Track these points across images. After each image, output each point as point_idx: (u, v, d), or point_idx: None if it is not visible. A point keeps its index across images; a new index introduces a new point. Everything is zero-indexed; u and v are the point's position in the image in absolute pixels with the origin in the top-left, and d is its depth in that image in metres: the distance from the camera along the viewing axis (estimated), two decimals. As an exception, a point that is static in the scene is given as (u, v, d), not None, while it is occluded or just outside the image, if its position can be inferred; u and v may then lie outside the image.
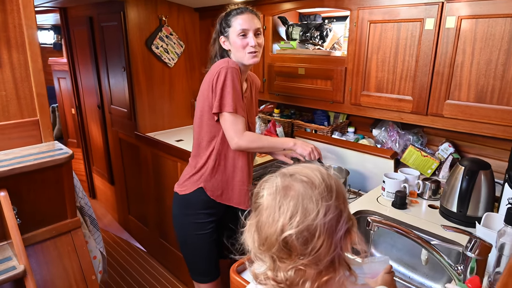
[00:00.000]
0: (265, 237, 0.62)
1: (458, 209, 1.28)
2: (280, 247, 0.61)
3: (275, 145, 1.56)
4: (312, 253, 0.60)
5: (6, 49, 1.29)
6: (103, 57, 2.78)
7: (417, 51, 1.59)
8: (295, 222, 0.59)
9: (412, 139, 1.88)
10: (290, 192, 0.62)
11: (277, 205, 0.62)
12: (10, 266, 1.19)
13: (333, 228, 0.62)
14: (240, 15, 1.46)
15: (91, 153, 3.52)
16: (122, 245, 3.04)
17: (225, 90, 1.38)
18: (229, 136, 1.44)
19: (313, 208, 0.60)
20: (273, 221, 0.61)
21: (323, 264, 0.62)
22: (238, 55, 1.48)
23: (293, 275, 0.62)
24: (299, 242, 0.60)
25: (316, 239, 0.60)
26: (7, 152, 1.34)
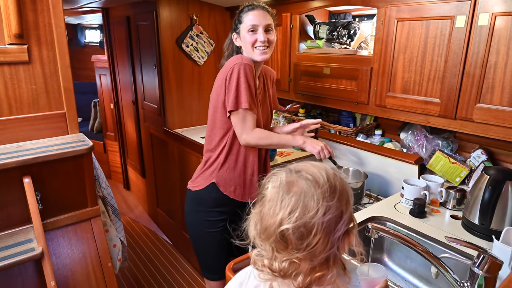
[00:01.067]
0: (265, 227, 0.65)
1: (480, 222, 1.18)
2: (277, 238, 0.64)
3: (284, 142, 1.54)
4: (307, 248, 0.62)
5: (37, 46, 1.39)
6: (138, 55, 2.90)
7: (446, 50, 1.49)
8: (293, 218, 0.62)
9: (441, 144, 1.76)
10: (293, 188, 0.64)
11: (279, 198, 0.64)
12: (30, 247, 1.28)
13: (331, 227, 0.63)
14: (251, 11, 1.47)
15: (126, 147, 3.69)
16: (150, 236, 3.16)
17: (240, 87, 1.39)
18: (238, 133, 1.45)
19: (313, 206, 0.62)
20: (274, 213, 0.64)
21: (317, 261, 0.63)
22: (248, 52, 1.48)
23: (287, 266, 0.65)
24: (295, 237, 0.62)
25: (312, 236, 0.62)
26: (35, 142, 1.44)
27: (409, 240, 0.89)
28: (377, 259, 1.37)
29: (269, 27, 1.48)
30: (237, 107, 1.40)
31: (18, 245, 1.30)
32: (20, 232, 1.38)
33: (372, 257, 1.38)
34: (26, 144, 1.42)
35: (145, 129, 3.11)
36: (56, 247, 1.46)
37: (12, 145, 1.40)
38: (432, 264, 0.87)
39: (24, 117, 1.44)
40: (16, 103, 1.41)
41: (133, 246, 3.00)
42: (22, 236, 1.35)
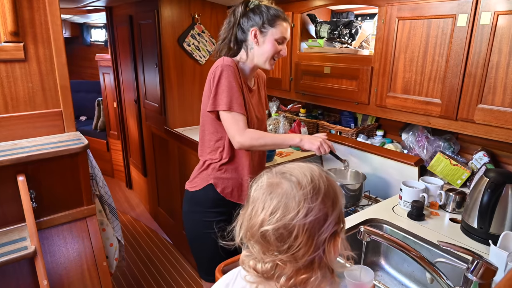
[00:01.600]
0: (249, 228, 0.65)
1: (478, 225, 1.15)
2: (260, 240, 0.64)
3: (279, 141, 1.48)
4: (289, 250, 0.61)
5: (33, 44, 1.39)
6: (140, 54, 2.90)
7: (447, 50, 1.46)
8: (274, 219, 0.61)
9: (442, 145, 1.73)
10: (277, 189, 0.64)
11: (262, 200, 0.64)
12: (23, 246, 1.28)
13: (315, 229, 0.62)
14: (285, 22, 1.45)
15: (128, 145, 3.70)
16: (151, 235, 3.16)
17: (219, 88, 1.37)
18: (230, 135, 1.41)
19: (293, 207, 0.61)
20: (256, 214, 0.64)
21: (302, 263, 0.62)
22: (261, 56, 1.44)
23: (269, 268, 0.64)
24: (275, 238, 0.62)
25: (293, 238, 0.61)
26: (30, 140, 1.44)
27: (402, 245, 0.87)
28: (374, 262, 1.35)
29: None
30: (218, 108, 1.38)
31: (12, 243, 1.30)
32: (15, 230, 1.38)
33: (369, 260, 1.35)
34: (22, 142, 1.42)
35: (147, 128, 3.11)
36: (51, 245, 1.46)
37: (8, 143, 1.40)
38: (425, 269, 0.84)
39: (20, 115, 1.44)
40: (12, 101, 1.41)
41: (134, 245, 3.00)
42: (16, 234, 1.35)
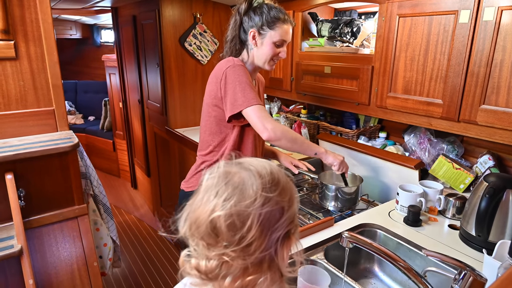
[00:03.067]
0: (196, 217, 0.59)
1: (476, 233, 1.08)
2: (208, 230, 0.57)
3: (307, 144, 1.46)
4: (240, 243, 0.56)
5: (24, 42, 1.39)
6: (143, 54, 2.90)
7: (449, 48, 1.39)
8: (227, 205, 0.56)
9: (445, 148, 1.66)
10: (233, 178, 0.59)
11: (215, 187, 0.59)
12: (9, 244, 1.27)
13: (270, 223, 0.57)
14: (285, 24, 1.40)
15: (133, 146, 3.71)
16: (153, 235, 3.16)
17: (238, 87, 1.32)
18: (261, 125, 1.32)
19: (250, 195, 0.57)
20: (207, 201, 0.58)
21: (251, 260, 0.57)
22: (261, 57, 1.41)
23: (214, 265, 0.57)
24: (227, 227, 0.56)
25: (246, 229, 0.55)
26: (21, 138, 1.44)
27: (387, 253, 0.81)
28: (367, 269, 1.29)
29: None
30: (250, 104, 1.32)
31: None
32: (4, 229, 1.37)
33: (362, 267, 1.30)
34: (12, 140, 1.42)
35: (150, 128, 3.11)
36: (41, 244, 1.45)
37: (-1, 141, 1.41)
38: (410, 280, 0.79)
39: (12, 113, 1.44)
40: (3, 99, 1.41)
41: (136, 246, 3.00)
42: (4, 233, 1.35)
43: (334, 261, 1.13)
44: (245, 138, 1.45)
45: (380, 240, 1.28)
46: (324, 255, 1.15)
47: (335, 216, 1.46)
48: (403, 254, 1.19)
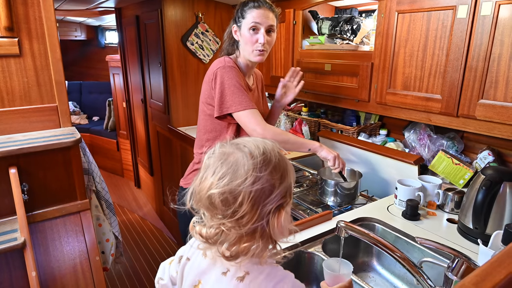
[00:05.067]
0: (198, 192, 0.67)
1: (473, 225, 1.09)
2: (207, 203, 0.65)
3: (300, 142, 1.48)
4: (233, 216, 0.63)
5: (28, 39, 1.42)
6: (146, 53, 2.93)
7: (448, 43, 1.40)
8: (221, 183, 0.64)
9: (445, 144, 1.66)
10: (228, 158, 0.66)
11: (213, 166, 0.66)
12: (13, 237, 1.29)
13: (260, 199, 0.64)
14: (256, 8, 1.39)
15: (137, 145, 3.74)
16: (156, 234, 3.18)
17: (227, 90, 1.34)
18: (251, 129, 1.37)
19: (241, 175, 0.63)
20: (206, 179, 0.66)
21: (245, 230, 0.64)
22: (245, 49, 1.43)
23: (213, 232, 0.66)
24: (221, 202, 0.63)
25: (238, 204, 0.63)
26: (25, 134, 1.47)
27: (383, 243, 0.82)
28: (366, 263, 1.29)
29: (271, 28, 1.42)
30: (234, 110, 1.35)
31: (3, 234, 1.31)
32: (8, 222, 1.40)
33: (360, 260, 1.30)
34: (16, 136, 1.44)
35: (153, 127, 3.14)
36: (44, 238, 1.47)
37: (3, 137, 1.43)
38: (405, 269, 0.80)
39: (16, 109, 1.46)
40: (8, 95, 1.44)
41: (139, 244, 3.02)
42: (8, 226, 1.37)
43: (332, 254, 1.14)
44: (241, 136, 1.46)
45: (378, 233, 1.28)
46: (322, 248, 1.16)
47: (334, 210, 1.47)
48: (401, 247, 1.20)
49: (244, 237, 0.65)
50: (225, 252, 0.66)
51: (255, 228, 0.64)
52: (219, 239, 0.66)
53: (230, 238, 0.65)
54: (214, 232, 0.66)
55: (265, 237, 0.66)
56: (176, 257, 0.83)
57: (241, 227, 0.64)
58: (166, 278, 0.84)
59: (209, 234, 0.67)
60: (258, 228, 0.65)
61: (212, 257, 0.71)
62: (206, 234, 0.67)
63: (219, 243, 0.66)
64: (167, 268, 0.86)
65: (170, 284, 0.84)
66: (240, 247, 0.65)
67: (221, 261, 0.68)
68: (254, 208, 0.63)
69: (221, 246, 0.66)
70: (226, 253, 0.66)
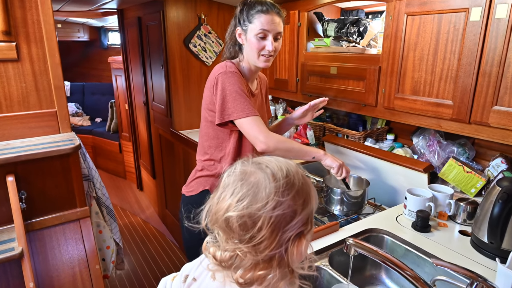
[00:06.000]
0: (214, 212, 0.64)
1: (489, 240, 1.04)
2: (223, 225, 0.62)
3: (304, 150, 1.42)
4: (251, 241, 0.60)
5: (26, 43, 1.38)
6: (148, 55, 2.89)
7: (460, 47, 1.34)
8: (240, 206, 0.60)
9: (456, 151, 1.60)
10: (249, 178, 0.62)
11: (232, 186, 0.63)
12: (10, 247, 1.25)
13: (280, 225, 0.60)
14: (264, 14, 1.32)
15: (139, 147, 3.70)
16: (158, 238, 3.14)
17: (229, 97, 1.30)
18: (253, 137, 1.32)
19: (262, 198, 0.59)
20: (224, 199, 0.62)
21: (261, 257, 0.60)
22: (250, 55, 1.38)
23: (228, 257, 0.63)
24: (238, 226, 0.60)
25: (256, 229, 0.59)
26: (23, 140, 1.43)
27: (394, 262, 0.78)
28: (374, 276, 1.25)
29: (279, 35, 1.37)
30: (235, 117, 1.31)
31: (0, 244, 1.28)
32: (6, 231, 1.36)
33: (368, 273, 1.25)
34: (14, 142, 1.41)
35: (155, 130, 3.10)
36: (42, 247, 1.44)
37: (0, 143, 1.39)
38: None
39: (15, 115, 1.42)
40: (6, 101, 1.40)
41: (141, 248, 2.99)
42: (6, 235, 1.33)
43: (338, 267, 1.09)
44: (244, 143, 1.42)
45: (387, 246, 1.24)
46: (329, 261, 1.11)
47: (340, 220, 1.42)
48: (411, 261, 1.15)
49: (261, 264, 0.61)
50: (239, 278, 0.62)
51: (273, 256, 0.61)
52: (233, 264, 0.62)
53: (245, 264, 0.61)
54: (229, 255, 0.62)
55: (283, 266, 0.62)
56: (181, 275, 0.78)
57: (258, 254, 0.60)
58: None
59: (224, 257, 0.63)
60: (276, 255, 0.61)
61: (222, 281, 0.67)
62: (220, 257, 0.63)
63: (234, 268, 0.62)
64: (168, 285, 0.82)
65: None
66: (255, 274, 0.61)
67: (231, 286, 0.64)
68: (273, 235, 0.59)
69: (235, 271, 0.62)
70: (240, 280, 0.62)
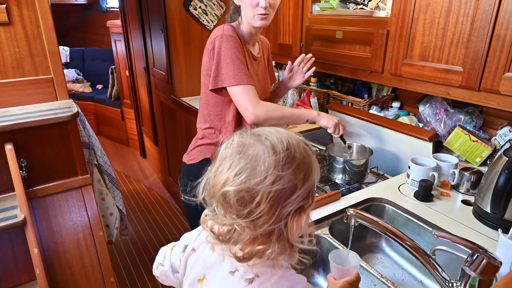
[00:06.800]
0: (212, 185, 0.62)
1: (492, 210, 1.02)
2: (220, 200, 0.60)
3: (297, 114, 1.40)
4: (249, 216, 0.58)
5: (16, 6, 1.32)
6: (147, 19, 2.79)
7: (474, 9, 1.26)
8: (237, 180, 0.57)
9: (463, 119, 1.56)
10: (247, 150, 0.59)
11: (229, 159, 0.60)
12: (13, 214, 1.27)
13: (279, 199, 0.58)
14: None
15: (141, 115, 3.68)
16: (162, 204, 3.19)
17: (222, 62, 1.26)
18: (242, 108, 1.31)
19: (261, 172, 0.57)
20: (221, 172, 0.60)
21: (260, 231, 0.59)
22: (247, 14, 1.33)
23: (226, 231, 0.61)
24: (236, 201, 0.58)
25: (255, 204, 0.57)
26: (21, 107, 1.40)
27: (394, 232, 0.77)
28: (374, 244, 1.25)
29: None
30: (225, 84, 1.28)
31: (3, 211, 1.29)
32: (8, 198, 1.37)
33: (368, 241, 1.26)
34: (12, 109, 1.39)
35: (156, 97, 3.06)
36: (45, 214, 1.45)
37: (-2, 111, 1.38)
38: (418, 260, 0.74)
39: (10, 81, 1.39)
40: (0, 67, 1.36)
41: (145, 214, 3.04)
42: (8, 202, 1.35)
43: (339, 236, 1.09)
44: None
45: (388, 215, 1.23)
46: (329, 230, 1.11)
47: (342, 189, 1.41)
48: (412, 230, 1.15)
49: (259, 239, 0.60)
50: (237, 252, 0.61)
51: (272, 230, 0.59)
52: (232, 238, 0.61)
53: (244, 238, 0.60)
54: (227, 230, 0.61)
55: (282, 241, 0.60)
56: (180, 245, 0.78)
57: (256, 228, 0.58)
58: (166, 264, 0.80)
59: (222, 231, 0.61)
60: (275, 230, 0.59)
61: (220, 253, 0.66)
62: (218, 231, 0.62)
63: (232, 243, 0.61)
64: (168, 254, 0.82)
65: (171, 271, 0.80)
66: (253, 248, 0.60)
67: (230, 259, 0.63)
68: (272, 210, 0.57)
69: (233, 246, 0.61)
70: (238, 254, 0.61)
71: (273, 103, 1.39)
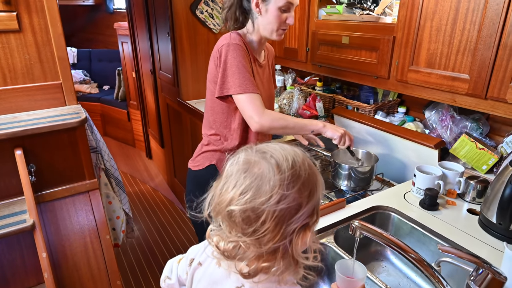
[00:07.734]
0: (217, 203, 0.62)
1: (497, 221, 1.02)
2: (225, 218, 0.61)
3: (301, 124, 1.39)
4: (254, 234, 0.58)
5: (27, 13, 1.34)
6: (154, 22, 2.81)
7: (481, 17, 1.26)
8: (243, 200, 0.58)
9: (469, 126, 1.56)
10: (253, 169, 0.60)
11: (235, 177, 0.60)
12: (22, 219, 1.29)
13: (284, 218, 0.58)
14: None
15: (147, 116, 3.70)
16: (167, 205, 3.21)
17: (229, 71, 1.27)
18: (248, 116, 1.31)
19: (266, 192, 0.57)
20: (226, 191, 0.60)
21: (265, 249, 0.59)
22: (267, 27, 1.33)
23: (231, 248, 0.62)
24: (241, 220, 0.59)
25: (260, 223, 0.57)
26: (30, 113, 1.43)
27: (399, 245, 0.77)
28: (379, 252, 1.26)
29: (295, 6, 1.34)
30: (231, 92, 1.29)
31: (12, 215, 1.31)
32: (17, 202, 1.40)
33: (373, 249, 1.26)
34: (21, 115, 1.41)
35: (162, 99, 3.08)
36: (54, 218, 1.47)
37: (8, 116, 1.40)
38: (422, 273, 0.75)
39: (20, 87, 1.41)
40: (10, 73, 1.39)
41: (151, 215, 3.07)
42: (18, 207, 1.37)
43: (344, 244, 1.10)
44: None
45: (393, 223, 1.23)
46: (334, 238, 1.12)
47: (347, 196, 1.42)
48: (417, 239, 1.15)
49: (264, 256, 0.60)
50: (243, 268, 0.62)
51: (277, 248, 0.59)
52: (237, 255, 0.61)
53: (249, 255, 0.60)
54: (232, 246, 0.61)
55: (287, 257, 0.61)
56: (187, 258, 0.78)
57: (261, 246, 0.58)
58: (173, 278, 0.81)
59: (227, 248, 0.62)
60: (280, 247, 0.59)
61: (226, 268, 0.67)
62: (223, 248, 0.62)
63: (237, 259, 0.61)
64: (175, 267, 0.83)
65: (178, 284, 0.81)
66: (259, 265, 0.60)
67: (236, 274, 0.64)
68: (277, 228, 0.57)
69: (239, 262, 0.62)
70: (244, 270, 0.61)
71: (279, 113, 1.40)
